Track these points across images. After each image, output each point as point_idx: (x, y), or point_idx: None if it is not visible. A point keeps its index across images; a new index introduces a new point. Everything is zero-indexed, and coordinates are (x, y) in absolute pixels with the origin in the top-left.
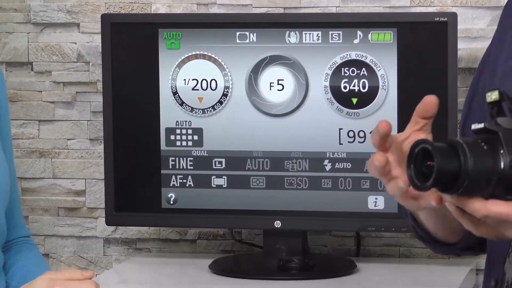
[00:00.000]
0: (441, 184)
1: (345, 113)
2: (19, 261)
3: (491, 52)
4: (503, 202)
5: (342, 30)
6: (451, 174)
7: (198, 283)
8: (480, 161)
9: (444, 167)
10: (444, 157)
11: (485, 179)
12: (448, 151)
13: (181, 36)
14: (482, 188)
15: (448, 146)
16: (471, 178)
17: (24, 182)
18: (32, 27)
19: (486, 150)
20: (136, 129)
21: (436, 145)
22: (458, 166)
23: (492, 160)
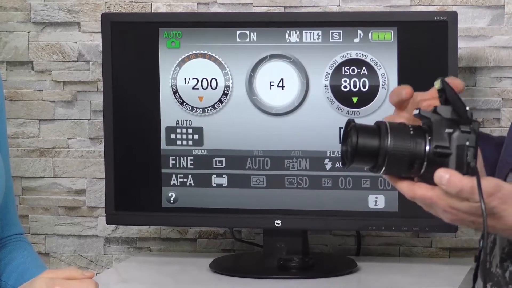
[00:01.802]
0: (362, 161)
1: (346, 112)
2: (15, 259)
3: None
4: (428, 186)
5: (342, 29)
6: (371, 152)
7: (198, 282)
8: (401, 142)
9: (363, 144)
10: (365, 135)
11: (407, 161)
12: (372, 130)
13: (181, 35)
14: (405, 169)
15: (374, 126)
16: (390, 157)
17: (24, 181)
18: (32, 26)
19: (412, 134)
20: (136, 128)
21: (362, 125)
22: (378, 144)
23: (414, 143)
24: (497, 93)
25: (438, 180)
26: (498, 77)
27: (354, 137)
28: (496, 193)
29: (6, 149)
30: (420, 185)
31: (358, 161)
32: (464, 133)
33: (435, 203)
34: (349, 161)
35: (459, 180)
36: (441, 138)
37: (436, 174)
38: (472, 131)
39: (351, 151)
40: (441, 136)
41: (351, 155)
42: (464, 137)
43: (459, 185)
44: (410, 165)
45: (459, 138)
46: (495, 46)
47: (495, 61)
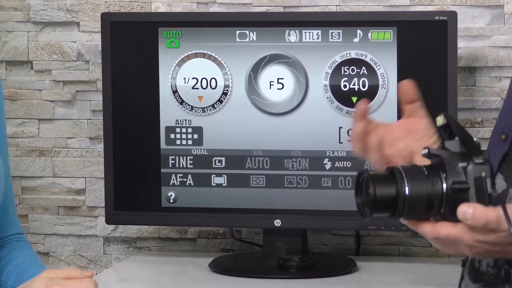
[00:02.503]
0: (383, 210)
1: (345, 112)
2: (14, 259)
3: None
4: (450, 224)
5: (342, 29)
6: (390, 200)
7: (198, 282)
8: (418, 186)
9: (381, 194)
10: (381, 185)
11: (426, 203)
12: (386, 178)
13: (181, 35)
14: (425, 211)
15: (388, 173)
16: (410, 202)
17: (24, 181)
18: (32, 26)
19: (427, 175)
20: (136, 128)
21: (376, 174)
22: (396, 192)
23: (431, 184)
24: (496, 92)
25: (462, 216)
26: (497, 76)
27: (372, 188)
28: None
29: (6, 149)
30: (442, 224)
31: (378, 211)
32: (478, 165)
33: (460, 239)
34: (369, 213)
35: (483, 212)
36: (456, 173)
37: (460, 210)
38: (485, 161)
39: (371, 203)
40: (456, 171)
41: (371, 207)
42: (479, 169)
43: (484, 217)
44: (429, 207)
45: (475, 171)
46: (494, 46)
47: (495, 60)
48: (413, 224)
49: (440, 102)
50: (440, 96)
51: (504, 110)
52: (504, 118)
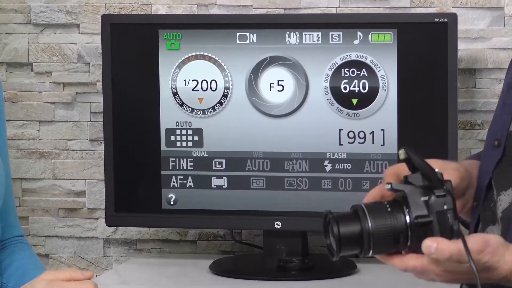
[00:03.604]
0: (350, 249)
1: (345, 114)
2: (15, 261)
3: None
4: (417, 256)
5: (342, 31)
6: (355, 238)
7: (198, 283)
8: (381, 222)
9: (345, 232)
10: (345, 224)
11: (391, 237)
12: (350, 217)
13: (181, 37)
14: (392, 245)
15: (351, 212)
16: (375, 238)
17: (24, 183)
18: (32, 27)
19: (390, 210)
20: (136, 129)
21: (339, 214)
22: (360, 229)
23: (395, 219)
24: (496, 94)
25: (426, 250)
26: (497, 78)
27: (335, 228)
28: (485, 249)
29: (6, 151)
30: (409, 257)
31: (345, 250)
32: (439, 198)
33: (428, 270)
34: (337, 252)
35: (446, 246)
36: (419, 207)
37: (424, 244)
38: (447, 193)
39: (337, 243)
40: (418, 205)
41: (337, 247)
42: (441, 202)
43: (447, 251)
44: (395, 241)
45: (437, 204)
46: (494, 48)
47: (495, 62)
48: (383, 258)
49: (441, 104)
50: (440, 98)
51: (495, 114)
52: (495, 123)
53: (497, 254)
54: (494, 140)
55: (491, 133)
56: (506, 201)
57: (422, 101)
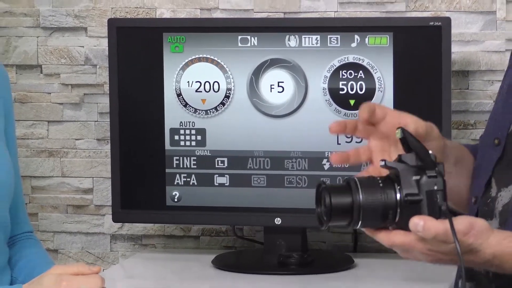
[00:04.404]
0: (339, 219)
1: (343, 114)
2: (25, 257)
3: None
4: (404, 233)
5: (340, 34)
6: (345, 209)
7: (201, 278)
8: (372, 196)
9: (337, 203)
10: (337, 195)
11: (380, 212)
12: (342, 188)
13: (184, 40)
14: (380, 220)
15: (344, 184)
16: (364, 211)
17: (33, 181)
18: (41, 31)
19: (382, 186)
20: (141, 129)
21: (332, 185)
22: (351, 201)
23: (386, 195)
24: (489, 95)
25: (413, 228)
26: (490, 80)
27: (327, 198)
28: (470, 231)
29: (15, 150)
30: (396, 233)
31: (334, 220)
32: (431, 178)
33: (413, 248)
34: (326, 221)
35: (433, 225)
36: (410, 186)
37: (411, 222)
38: (438, 174)
39: (326, 211)
40: (409, 184)
41: (327, 215)
42: (432, 182)
43: (433, 230)
44: (384, 216)
45: (427, 184)
46: (487, 51)
47: (487, 65)
48: (370, 232)
49: (435, 105)
50: (434, 98)
51: (495, 113)
52: (495, 123)
53: (481, 237)
54: (494, 139)
55: (489, 132)
56: (507, 196)
57: (417, 102)
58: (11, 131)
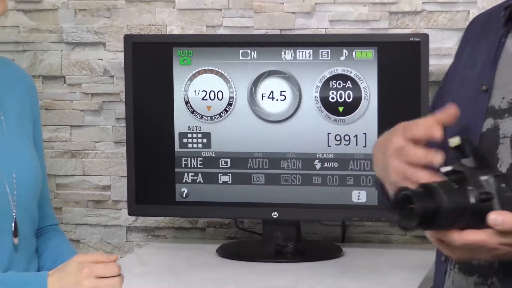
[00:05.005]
0: (424, 224)
1: (333, 120)
2: (50, 247)
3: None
4: (477, 231)
5: (330, 49)
6: (431, 214)
7: (207, 265)
8: (453, 200)
9: (424, 209)
10: (423, 201)
11: (460, 214)
12: (425, 194)
13: (192, 54)
14: (458, 221)
15: (424, 189)
16: (447, 215)
17: (58, 179)
18: (64, 46)
19: (456, 189)
20: (153, 133)
21: (415, 191)
22: (436, 207)
23: (462, 197)
24: None
25: (492, 223)
26: None
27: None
28: None
29: (42, 151)
30: (468, 232)
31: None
32: (497, 177)
33: (486, 243)
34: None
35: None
36: (480, 186)
37: (490, 217)
38: (501, 174)
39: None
40: (479, 184)
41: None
42: (499, 180)
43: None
44: (462, 217)
45: (496, 182)
46: None
47: None
48: (440, 233)
49: (414, 112)
50: (414, 106)
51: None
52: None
53: None
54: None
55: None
56: None
57: (399, 109)
58: (39, 135)
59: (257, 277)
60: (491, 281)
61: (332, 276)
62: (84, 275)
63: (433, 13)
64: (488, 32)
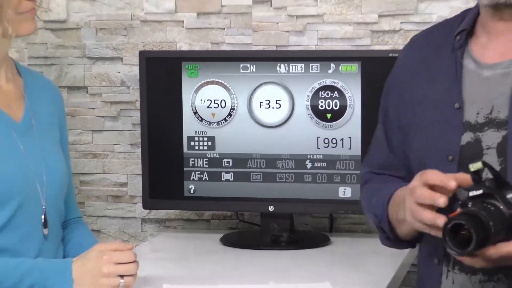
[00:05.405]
0: (480, 246)
1: (322, 125)
2: (75, 237)
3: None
4: (507, 243)
5: (319, 63)
6: (483, 240)
7: (212, 252)
8: (496, 221)
9: (479, 236)
10: (477, 229)
11: (502, 232)
12: (477, 222)
13: (198, 67)
14: (497, 239)
15: (474, 217)
16: (496, 236)
17: (81, 177)
18: (87, 60)
19: (494, 210)
20: (165, 137)
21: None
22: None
23: (500, 217)
24: None
25: None
26: None
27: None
28: None
29: (68, 153)
30: (503, 245)
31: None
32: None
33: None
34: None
35: None
36: (509, 203)
37: None
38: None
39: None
40: (508, 202)
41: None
42: None
43: None
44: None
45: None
46: None
47: None
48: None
49: None
50: None
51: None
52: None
53: None
54: (447, 155)
55: (439, 149)
56: None
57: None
58: (65, 139)
59: (256, 263)
60: (498, 277)
61: (321, 261)
62: (104, 261)
63: (409, 31)
64: (440, 51)
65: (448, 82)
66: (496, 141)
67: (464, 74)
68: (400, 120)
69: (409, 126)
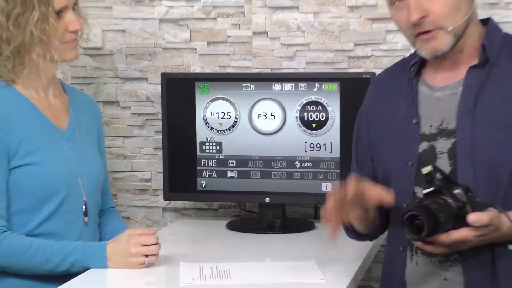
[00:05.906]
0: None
1: (308, 133)
2: (109, 224)
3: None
4: (458, 230)
5: (306, 83)
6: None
7: (219, 236)
8: (445, 212)
9: (431, 223)
10: (428, 217)
11: (450, 221)
12: (428, 213)
13: (209, 86)
14: (447, 227)
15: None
16: (446, 224)
17: (114, 174)
18: (118, 80)
19: (443, 203)
20: (181, 142)
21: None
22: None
23: (448, 209)
24: None
25: (472, 222)
26: None
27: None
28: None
29: (104, 155)
30: (453, 232)
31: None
32: (465, 189)
33: (465, 238)
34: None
35: (484, 215)
36: (456, 197)
37: (470, 218)
38: (466, 186)
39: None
40: (455, 197)
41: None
42: (466, 191)
43: (485, 219)
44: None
45: (465, 193)
46: None
47: None
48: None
49: None
50: None
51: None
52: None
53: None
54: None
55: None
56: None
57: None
58: (102, 143)
59: (255, 244)
60: (454, 257)
61: (308, 242)
62: (132, 243)
63: (379, 57)
64: (399, 82)
65: (407, 103)
66: (447, 147)
67: (419, 96)
68: (370, 138)
69: (378, 142)
